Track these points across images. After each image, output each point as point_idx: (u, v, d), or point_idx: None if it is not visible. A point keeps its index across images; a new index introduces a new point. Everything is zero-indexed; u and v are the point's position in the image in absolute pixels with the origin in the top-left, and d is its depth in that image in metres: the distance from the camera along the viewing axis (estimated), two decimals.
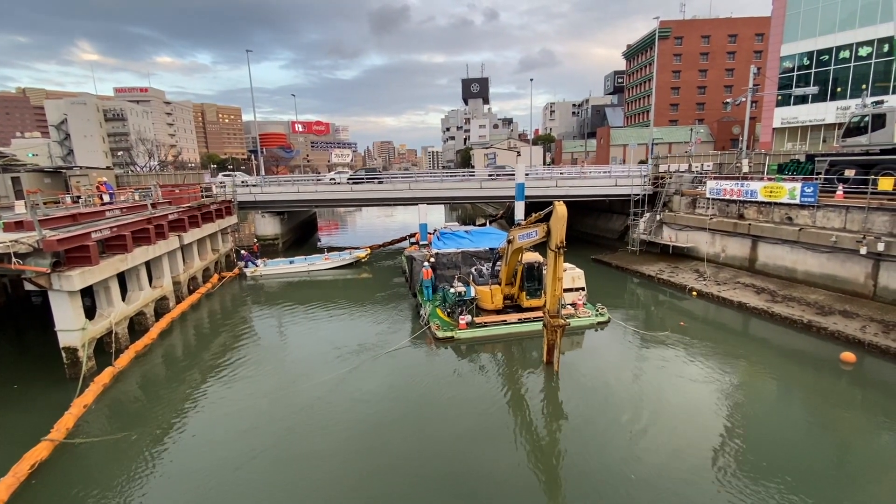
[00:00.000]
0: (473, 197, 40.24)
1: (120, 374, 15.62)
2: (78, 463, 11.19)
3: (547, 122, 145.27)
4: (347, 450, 11.41)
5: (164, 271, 22.06)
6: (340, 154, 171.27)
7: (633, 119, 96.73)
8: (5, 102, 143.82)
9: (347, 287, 28.00)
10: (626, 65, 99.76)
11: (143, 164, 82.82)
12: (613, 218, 37.73)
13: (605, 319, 19.34)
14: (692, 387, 14.16)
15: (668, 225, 29.62)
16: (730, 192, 26.09)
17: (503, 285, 19.37)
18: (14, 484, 10.02)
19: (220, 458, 11.15)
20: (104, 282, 17.06)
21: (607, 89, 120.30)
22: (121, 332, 17.66)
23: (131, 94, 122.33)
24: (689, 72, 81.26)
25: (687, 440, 11.38)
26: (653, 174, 33.94)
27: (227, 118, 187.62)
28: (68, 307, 15.09)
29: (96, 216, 19.84)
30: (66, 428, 12.15)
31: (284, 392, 14.37)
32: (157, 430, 12.47)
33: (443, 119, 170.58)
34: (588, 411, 12.86)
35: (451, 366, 16.24)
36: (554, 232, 14.09)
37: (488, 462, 10.85)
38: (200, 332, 20.70)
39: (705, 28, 79.99)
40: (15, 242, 13.94)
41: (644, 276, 26.10)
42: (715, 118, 75.46)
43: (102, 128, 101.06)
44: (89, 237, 16.21)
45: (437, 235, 26.78)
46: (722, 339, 17.82)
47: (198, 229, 26.33)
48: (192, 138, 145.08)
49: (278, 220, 39.70)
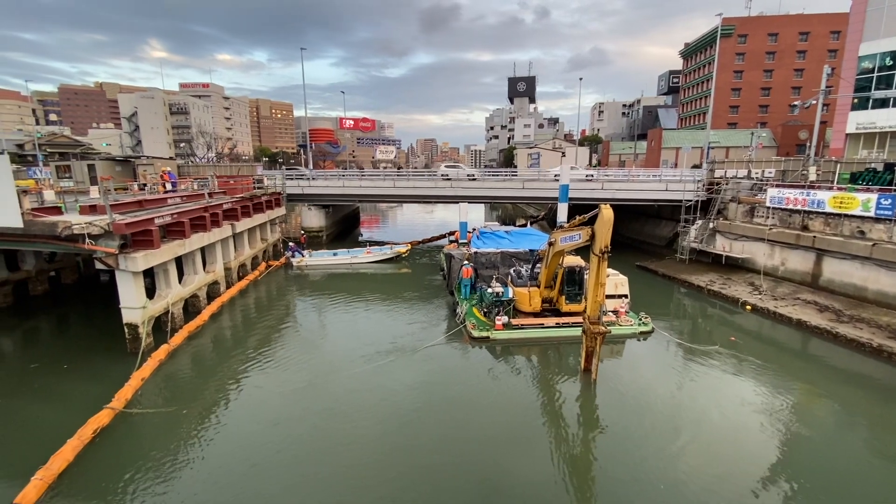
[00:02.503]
0: (515, 197, 39.83)
1: (174, 352, 16.67)
2: (134, 431, 12.05)
3: (595, 123, 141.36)
4: (377, 444, 11.61)
5: (217, 257, 23.27)
6: (385, 150, 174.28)
7: (687, 121, 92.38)
8: (84, 96, 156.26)
9: (387, 281, 28.48)
10: (682, 64, 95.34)
11: (202, 156, 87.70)
12: (662, 224, 36.24)
13: (649, 329, 18.63)
14: (740, 408, 13.34)
15: (721, 234, 28.12)
16: (793, 202, 24.42)
17: (542, 288, 19.06)
18: (79, 446, 10.93)
19: (256, 443, 11.63)
20: (164, 264, 18.24)
21: (661, 89, 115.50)
22: (176, 312, 18.81)
23: (194, 90, 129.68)
24: (752, 72, 76.57)
25: (731, 466, 10.73)
26: (707, 179, 32.30)
27: (279, 113, 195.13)
28: (132, 286, 16.25)
29: (159, 203, 21.22)
30: (125, 398, 13.12)
31: (321, 381, 14.82)
32: (205, 407, 13.21)
33: (487, 117, 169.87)
34: (625, 423, 12.43)
35: (486, 366, 16.17)
36: (599, 236, 13.70)
37: (519, 466, 10.74)
38: (247, 316, 21.71)
39: (773, 25, 75.02)
40: (89, 224, 15.15)
41: (693, 286, 24.91)
42: (779, 122, 70.79)
43: (167, 120, 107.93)
44: (153, 222, 17.35)
45: (477, 234, 26.73)
46: (777, 358, 16.71)
47: (249, 219, 27.60)
48: (247, 132, 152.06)
49: (324, 213, 40.93)
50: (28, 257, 23.48)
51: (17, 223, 15.48)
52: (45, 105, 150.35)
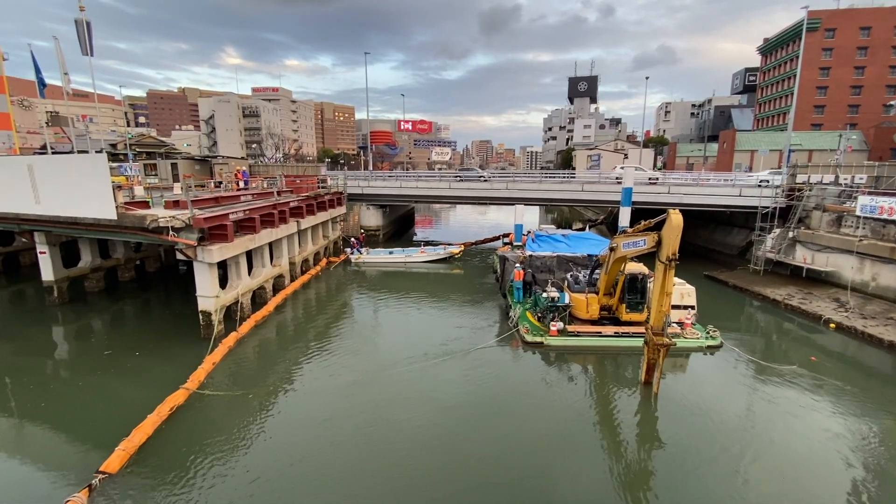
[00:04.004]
0: (573, 200, 38.81)
1: (242, 339, 17.80)
2: (206, 410, 12.99)
3: (660, 124, 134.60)
4: (425, 438, 11.75)
5: (283, 252, 24.58)
6: (440, 152, 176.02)
7: (764, 122, 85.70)
8: (169, 100, 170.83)
9: (440, 281, 28.76)
10: (760, 61, 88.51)
11: (270, 156, 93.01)
12: (734, 232, 33.87)
13: (717, 343, 17.48)
14: (818, 434, 12.15)
15: (802, 244, 25.83)
16: (889, 211, 21.97)
17: (601, 295, 18.42)
18: (157, 421, 11.95)
19: (311, 432, 12.13)
20: (235, 257, 19.53)
21: (735, 88, 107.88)
22: (245, 302, 20.07)
23: (265, 94, 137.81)
24: (841, 69, 69.82)
25: (802, 496, 9.83)
26: (787, 185, 29.79)
27: (341, 116, 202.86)
28: (208, 276, 17.54)
29: (233, 200, 22.73)
30: (198, 380, 14.19)
31: (373, 377, 15.18)
32: (267, 393, 13.99)
33: (545, 118, 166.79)
34: (687, 441, 11.72)
35: (538, 372, 15.88)
36: (666, 242, 13.05)
37: (571, 476, 10.46)
38: (308, 309, 22.74)
39: (865, 18, 67.95)
40: (173, 218, 16.54)
41: (768, 299, 23.07)
42: (871, 123, 63.95)
43: (240, 123, 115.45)
44: (227, 218, 18.64)
45: (533, 237, 26.32)
46: (864, 383, 15.09)
47: (313, 217, 28.93)
48: (312, 134, 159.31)
49: (381, 212, 42.06)
50: (118, 246, 26.02)
51: (112, 215, 17.22)
52: (134, 108, 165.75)
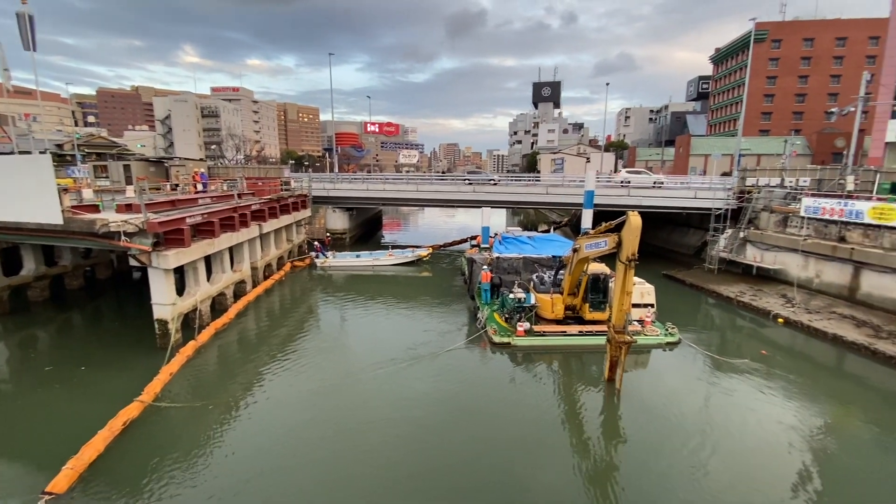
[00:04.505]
0: (539, 202, 39.55)
1: (201, 348, 17.08)
2: (162, 424, 12.37)
3: (621, 129, 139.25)
4: (395, 445, 11.61)
5: (245, 257, 23.80)
6: (408, 155, 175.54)
7: (717, 128, 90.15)
8: (121, 99, 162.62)
9: (408, 284, 28.60)
10: (712, 69, 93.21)
11: (231, 158, 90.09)
12: (690, 232, 35.37)
13: (675, 340, 18.17)
14: (770, 424, 12.81)
15: (752, 243, 27.26)
16: (830, 212, 23.51)
17: (565, 295, 18.81)
18: (109, 437, 11.28)
19: (275, 442, 11.75)
20: (193, 263, 18.75)
21: (690, 95, 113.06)
22: (204, 309, 19.29)
23: (225, 94, 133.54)
24: (786, 78, 74.36)
25: (757, 484, 10.32)
26: (738, 187, 31.40)
27: (306, 117, 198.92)
28: (163, 283, 16.75)
29: (190, 203, 21.85)
30: (154, 392, 13.51)
31: (340, 383, 14.89)
32: (228, 403, 13.46)
33: (511, 122, 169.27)
34: (648, 435, 12.12)
35: (506, 372, 16.03)
36: (626, 243, 13.46)
37: (538, 473, 10.58)
38: (272, 316, 22.09)
39: (809, 30, 72.74)
40: (125, 222, 15.71)
41: (721, 296, 24.20)
42: (814, 129, 68.40)
43: (199, 123, 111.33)
44: (184, 221, 17.88)
45: (499, 239, 26.61)
46: (810, 374, 16.05)
47: (276, 220, 28.17)
48: (274, 135, 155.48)
49: (347, 215, 41.48)
50: (65, 253, 24.48)
51: (57, 220, 16.18)
52: (83, 107, 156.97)
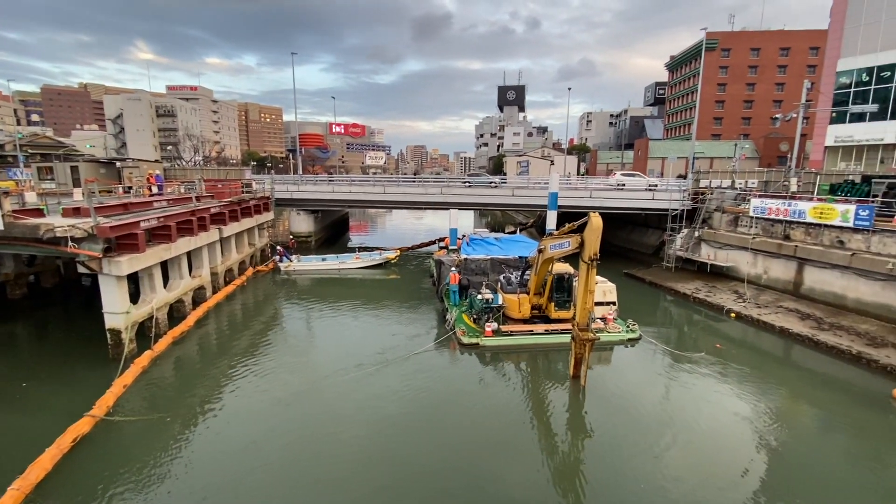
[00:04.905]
0: (505, 204, 40.09)
1: (157, 358, 16.32)
2: (116, 439, 11.75)
3: (583, 132, 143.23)
4: (364, 452, 11.48)
5: (204, 262, 22.95)
6: (374, 156, 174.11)
7: (673, 132, 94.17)
8: (68, 97, 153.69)
9: (376, 287, 28.35)
10: (668, 76, 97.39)
11: (189, 159, 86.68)
12: (649, 232, 36.74)
13: (636, 336, 18.83)
14: (724, 413, 13.54)
15: (706, 242, 28.62)
16: (775, 212, 24.98)
17: (531, 295, 19.16)
18: (58, 455, 10.61)
19: (241, 452, 11.41)
20: (149, 269, 17.92)
21: (647, 100, 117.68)
22: (161, 317, 18.46)
23: (182, 92, 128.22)
24: (735, 85, 78.54)
25: (714, 469, 10.91)
26: (693, 189, 32.90)
27: (268, 118, 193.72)
28: (115, 291, 15.92)
29: (145, 206, 20.89)
30: (106, 405, 12.79)
31: (304, 391, 14.58)
32: (188, 415, 12.95)
33: (477, 125, 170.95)
34: (613, 429, 12.53)
35: (475, 373, 16.16)
36: (588, 244, 13.86)
37: (507, 471, 10.74)
38: (233, 322, 21.39)
39: (755, 40, 77.14)
40: (72, 227, 14.85)
41: (679, 293, 25.26)
42: (761, 134, 72.53)
43: (154, 123, 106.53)
44: (138, 226, 17.07)
45: (467, 241, 26.84)
46: (760, 365, 17.00)
47: (237, 223, 27.31)
48: (235, 136, 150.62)
49: (312, 218, 40.69)
50: (6, 260, 22.87)
51: None
52: (26, 105, 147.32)
